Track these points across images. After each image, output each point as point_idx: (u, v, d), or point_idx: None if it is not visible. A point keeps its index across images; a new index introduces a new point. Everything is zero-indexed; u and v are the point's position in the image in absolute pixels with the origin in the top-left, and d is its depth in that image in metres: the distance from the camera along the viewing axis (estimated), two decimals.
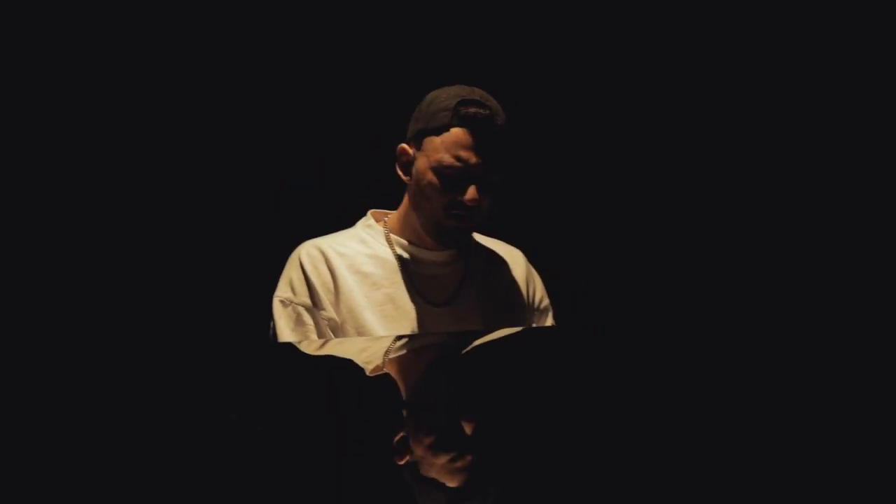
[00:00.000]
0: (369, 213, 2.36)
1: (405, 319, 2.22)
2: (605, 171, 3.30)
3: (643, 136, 3.30)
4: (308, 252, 2.23)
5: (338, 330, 2.19)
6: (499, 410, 1.78)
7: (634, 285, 3.24)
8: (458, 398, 1.84)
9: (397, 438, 1.68)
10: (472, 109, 2.15)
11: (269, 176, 3.13)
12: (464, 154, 2.14)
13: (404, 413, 1.79)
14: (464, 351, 2.18)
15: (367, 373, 1.98)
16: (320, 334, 2.18)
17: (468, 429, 1.74)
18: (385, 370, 1.98)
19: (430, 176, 2.17)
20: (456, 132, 2.15)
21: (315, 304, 2.20)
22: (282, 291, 2.22)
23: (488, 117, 2.15)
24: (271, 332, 2.25)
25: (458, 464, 1.59)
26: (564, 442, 1.63)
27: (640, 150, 3.30)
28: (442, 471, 1.53)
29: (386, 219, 2.34)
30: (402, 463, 1.56)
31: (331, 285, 2.20)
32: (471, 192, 2.15)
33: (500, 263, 2.40)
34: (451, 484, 1.48)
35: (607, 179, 3.30)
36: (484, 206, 2.17)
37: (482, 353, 2.15)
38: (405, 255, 2.28)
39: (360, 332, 2.19)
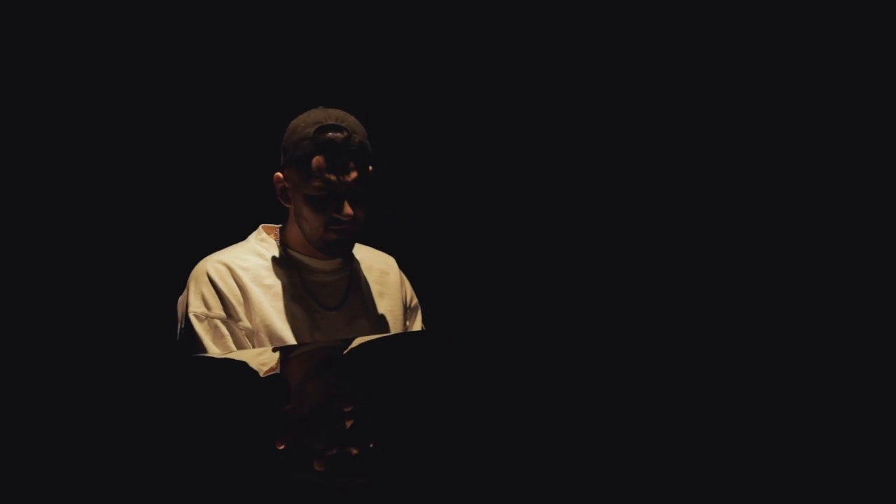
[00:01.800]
0: (261, 227, 2.56)
1: (306, 324, 2.44)
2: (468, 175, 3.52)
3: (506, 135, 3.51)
4: (214, 267, 2.41)
5: (252, 338, 2.38)
6: (377, 406, 2.04)
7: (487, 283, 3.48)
8: (342, 396, 2.09)
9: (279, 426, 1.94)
10: (330, 134, 2.38)
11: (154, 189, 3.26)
12: (329, 176, 2.38)
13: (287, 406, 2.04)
14: (348, 353, 2.40)
15: (261, 374, 2.19)
16: (238, 343, 2.36)
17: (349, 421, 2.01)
18: (277, 372, 2.19)
19: (304, 201, 2.41)
20: (317, 159, 2.38)
21: (230, 316, 2.38)
22: (195, 307, 2.38)
23: (345, 139, 2.38)
24: (181, 340, 2.42)
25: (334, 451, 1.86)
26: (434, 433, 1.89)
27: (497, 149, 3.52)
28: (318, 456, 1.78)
29: (277, 232, 2.54)
30: (280, 447, 1.82)
31: (240, 297, 2.39)
32: (346, 208, 2.39)
33: (378, 268, 2.65)
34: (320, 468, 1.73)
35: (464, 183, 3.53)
36: (360, 216, 2.42)
37: (365, 356, 2.38)
38: (299, 265, 2.50)
39: (272, 338, 2.39)
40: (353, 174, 2.40)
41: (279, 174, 2.47)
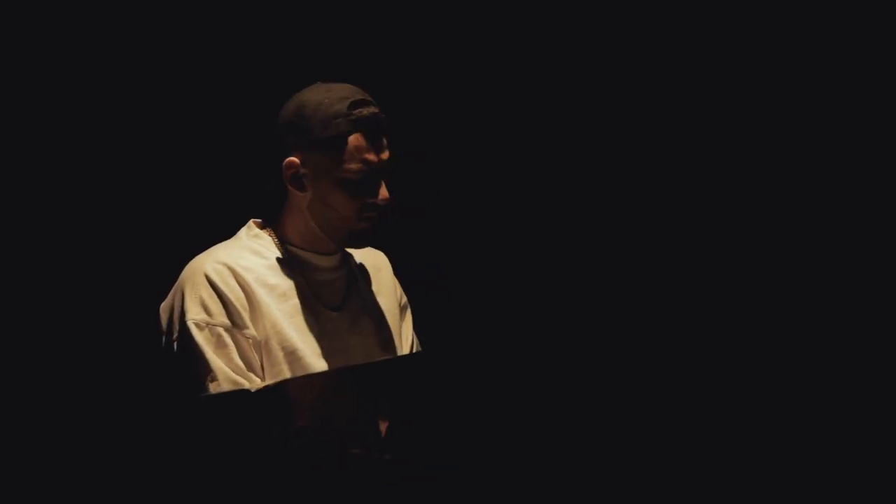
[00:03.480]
0: (251, 221, 2.32)
1: (314, 328, 2.22)
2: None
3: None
4: (214, 268, 2.15)
5: (261, 348, 2.14)
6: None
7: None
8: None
9: None
10: (366, 110, 2.16)
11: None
12: (369, 157, 2.16)
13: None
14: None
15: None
16: (243, 355, 2.11)
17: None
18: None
19: (337, 186, 2.17)
20: (356, 138, 2.16)
21: (235, 324, 2.12)
22: (193, 313, 2.10)
23: (379, 114, 2.19)
24: (168, 349, 2.16)
25: None
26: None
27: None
28: None
29: (271, 227, 2.30)
30: None
31: (244, 301, 2.14)
32: (383, 191, 2.19)
33: (371, 265, 2.45)
34: None
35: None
36: (393, 200, 2.22)
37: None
38: (301, 262, 2.27)
39: (286, 347, 2.16)
40: (387, 153, 2.19)
41: (292, 159, 2.19)
